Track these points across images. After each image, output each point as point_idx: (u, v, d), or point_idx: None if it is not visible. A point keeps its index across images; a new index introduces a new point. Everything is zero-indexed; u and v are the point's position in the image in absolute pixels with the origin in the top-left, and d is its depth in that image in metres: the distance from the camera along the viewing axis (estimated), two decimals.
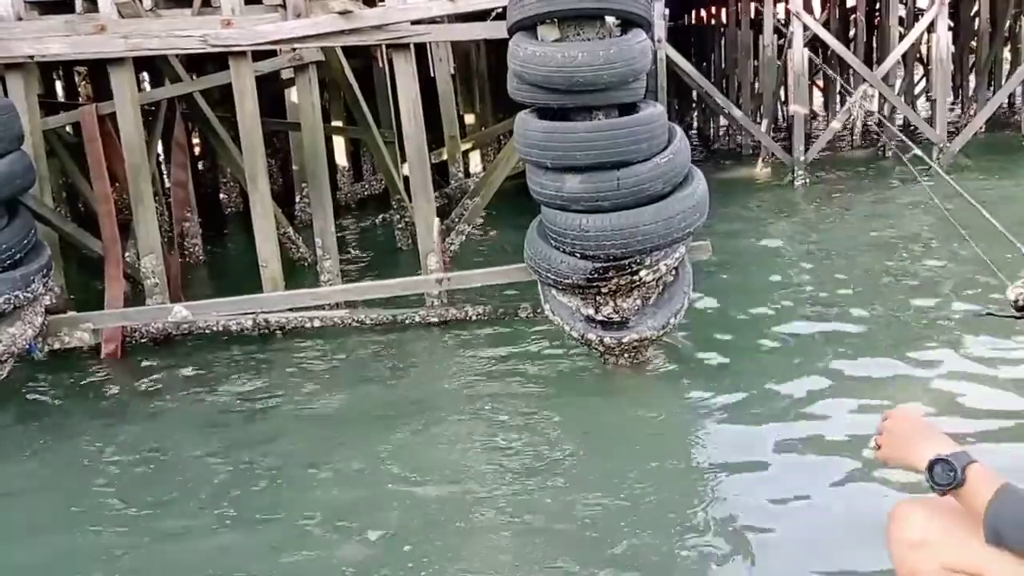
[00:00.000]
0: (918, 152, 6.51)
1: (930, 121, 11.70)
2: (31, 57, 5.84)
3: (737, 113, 12.03)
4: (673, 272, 5.27)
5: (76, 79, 12.23)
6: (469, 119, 12.01)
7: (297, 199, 9.99)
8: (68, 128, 8.78)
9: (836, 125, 12.00)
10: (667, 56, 10.54)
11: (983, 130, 12.92)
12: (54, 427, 5.11)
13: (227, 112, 7.95)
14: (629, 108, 5.02)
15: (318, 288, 6.57)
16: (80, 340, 5.92)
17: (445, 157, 10.46)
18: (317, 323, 6.32)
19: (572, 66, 4.68)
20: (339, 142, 11.31)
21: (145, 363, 6.03)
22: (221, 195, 11.39)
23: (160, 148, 9.84)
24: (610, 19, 4.91)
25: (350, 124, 10.07)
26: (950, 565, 1.83)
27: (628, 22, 4.95)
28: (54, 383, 5.73)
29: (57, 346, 5.89)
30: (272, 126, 9.07)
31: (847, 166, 12.34)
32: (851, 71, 13.36)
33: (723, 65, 16.35)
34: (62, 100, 11.48)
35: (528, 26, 4.91)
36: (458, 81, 11.36)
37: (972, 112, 13.71)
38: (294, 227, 8.92)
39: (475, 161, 11.67)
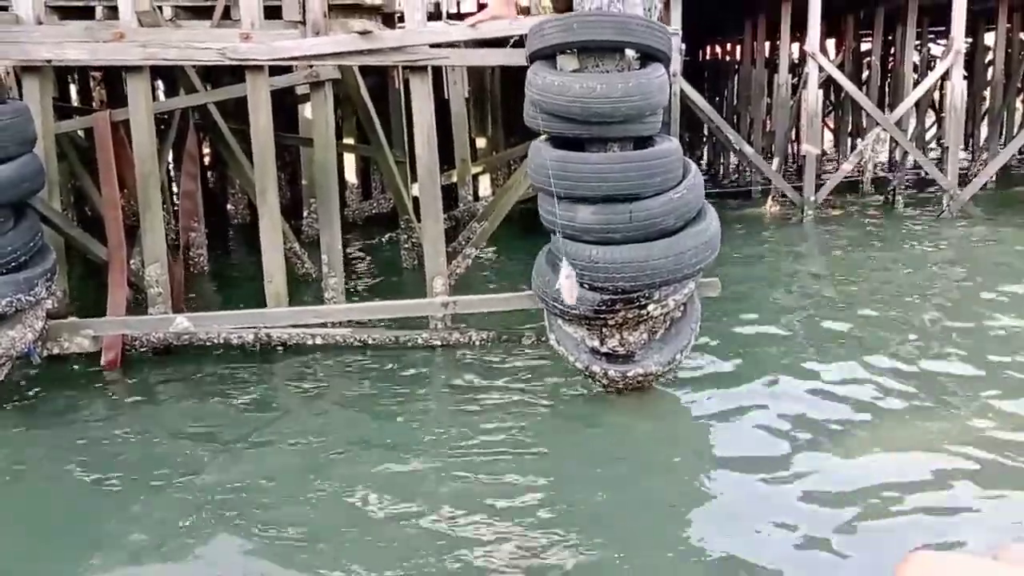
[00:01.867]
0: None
1: (941, 168, 11.70)
2: (48, 61, 5.83)
3: (748, 150, 12.03)
4: (681, 308, 5.23)
5: (91, 83, 12.25)
6: (481, 143, 12.02)
7: (305, 214, 9.97)
8: (80, 132, 8.78)
9: (847, 167, 11.99)
10: (681, 90, 10.56)
11: (993, 179, 12.94)
12: (46, 430, 5.07)
13: (240, 124, 7.94)
14: (644, 141, 5.01)
15: (322, 306, 6.53)
16: (79, 346, 5.87)
17: (455, 179, 10.45)
18: (319, 340, 6.27)
19: (589, 97, 4.67)
20: (349, 159, 11.31)
21: (143, 370, 5.98)
22: (228, 206, 11.38)
23: (170, 157, 9.84)
24: (630, 52, 4.91)
25: (362, 142, 10.07)
26: None
27: (647, 56, 4.95)
28: (51, 387, 5.68)
29: (56, 351, 5.84)
30: (284, 140, 9.07)
31: (857, 207, 12.32)
32: (862, 113, 13.41)
33: (736, 102, 16.40)
34: (76, 104, 11.51)
35: (548, 55, 4.91)
36: (471, 104, 11.38)
37: (983, 160, 13.72)
38: (300, 242, 8.89)
39: (484, 184, 11.68)
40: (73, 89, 12.27)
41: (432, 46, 6.04)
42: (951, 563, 1.97)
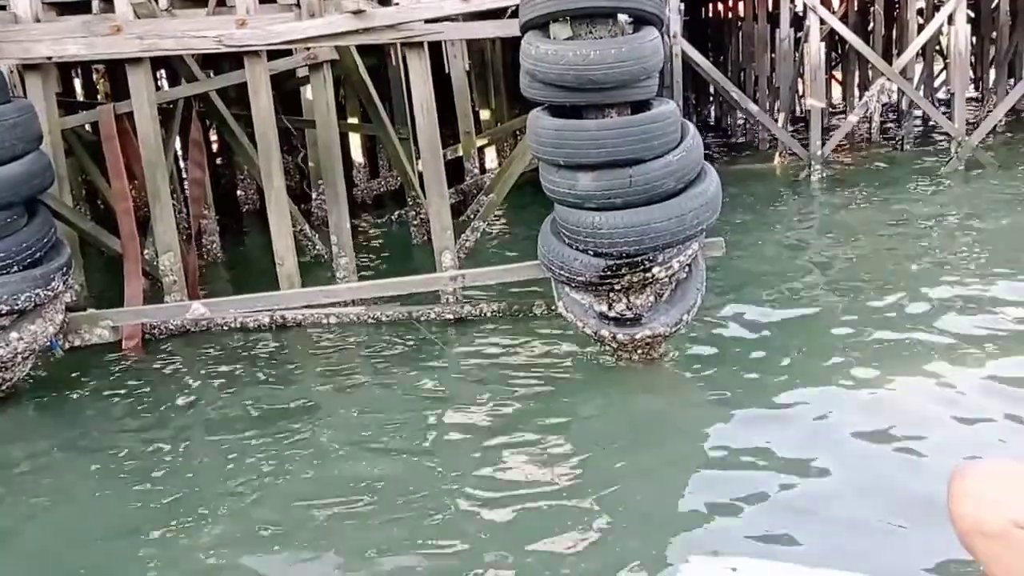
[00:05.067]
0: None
1: (948, 115, 11.59)
2: (49, 58, 5.90)
3: (753, 107, 11.96)
4: (686, 269, 5.27)
5: (95, 77, 12.32)
6: (484, 115, 12.01)
7: (314, 196, 10.03)
8: (87, 126, 8.86)
9: (853, 119, 11.91)
10: (683, 51, 10.50)
11: (1003, 123, 12.81)
12: (75, 418, 5.21)
13: (243, 110, 7.99)
14: (641, 106, 5.03)
15: (333, 286, 6.62)
16: (99, 337, 6.00)
17: (460, 153, 10.47)
18: (333, 319, 6.37)
19: (584, 64, 4.69)
20: (355, 139, 11.35)
21: (164, 350, 6.11)
22: (238, 192, 11.43)
23: (178, 146, 9.91)
24: (622, 17, 4.91)
25: (366, 121, 10.10)
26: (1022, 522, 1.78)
27: (640, 20, 4.95)
28: (75, 375, 5.81)
29: (77, 343, 5.97)
30: (287, 123, 9.11)
31: (864, 160, 12.26)
32: (869, 64, 13.27)
33: (739, 59, 16.27)
34: (81, 99, 11.58)
35: (540, 24, 4.92)
36: (473, 77, 11.36)
37: (993, 105, 13.57)
38: (311, 224, 8.96)
39: (491, 157, 11.69)
40: (77, 83, 12.34)
41: (427, 21, 6.06)
42: (1011, 468, 1.90)
